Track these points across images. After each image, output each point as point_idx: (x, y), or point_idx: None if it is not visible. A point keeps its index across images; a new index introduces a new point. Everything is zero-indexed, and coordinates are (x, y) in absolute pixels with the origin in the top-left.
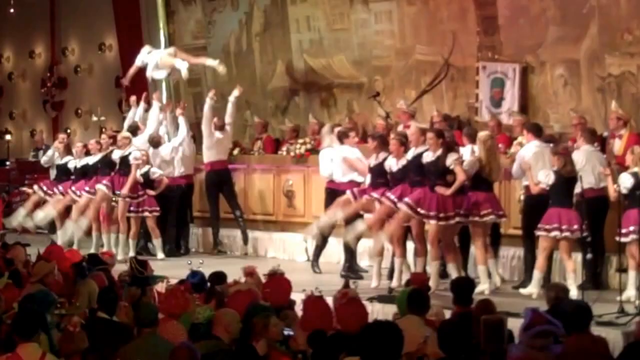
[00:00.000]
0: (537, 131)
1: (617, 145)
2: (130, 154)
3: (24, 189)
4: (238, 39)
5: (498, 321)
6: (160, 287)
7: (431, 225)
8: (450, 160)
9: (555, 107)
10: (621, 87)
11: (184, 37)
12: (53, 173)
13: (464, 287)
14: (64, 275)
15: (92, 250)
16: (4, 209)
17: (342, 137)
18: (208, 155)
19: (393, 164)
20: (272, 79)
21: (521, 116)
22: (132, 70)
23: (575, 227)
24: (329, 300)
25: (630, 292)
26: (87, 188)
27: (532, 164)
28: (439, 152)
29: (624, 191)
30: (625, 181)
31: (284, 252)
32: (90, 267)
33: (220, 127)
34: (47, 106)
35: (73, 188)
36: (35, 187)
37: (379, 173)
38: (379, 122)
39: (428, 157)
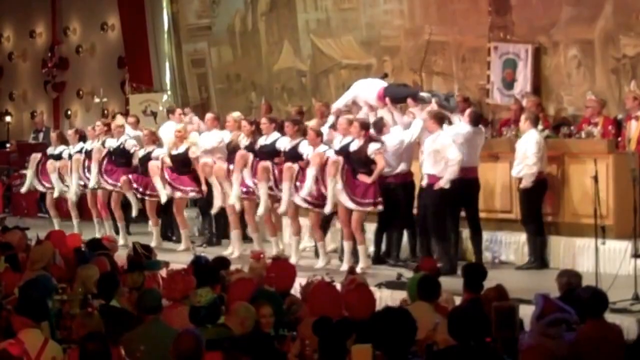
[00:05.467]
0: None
1: (634, 127)
2: (125, 142)
3: (24, 172)
4: (243, 19)
5: (510, 308)
6: (165, 272)
7: (355, 212)
8: (371, 149)
9: (568, 88)
10: (636, 68)
11: (188, 16)
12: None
13: (475, 273)
14: (65, 261)
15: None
16: (3, 192)
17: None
18: None
19: (310, 152)
20: (279, 60)
21: (535, 97)
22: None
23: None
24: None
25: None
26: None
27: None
28: (362, 141)
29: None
30: None
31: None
32: (91, 252)
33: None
34: (47, 87)
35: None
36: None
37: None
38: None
39: (354, 146)
